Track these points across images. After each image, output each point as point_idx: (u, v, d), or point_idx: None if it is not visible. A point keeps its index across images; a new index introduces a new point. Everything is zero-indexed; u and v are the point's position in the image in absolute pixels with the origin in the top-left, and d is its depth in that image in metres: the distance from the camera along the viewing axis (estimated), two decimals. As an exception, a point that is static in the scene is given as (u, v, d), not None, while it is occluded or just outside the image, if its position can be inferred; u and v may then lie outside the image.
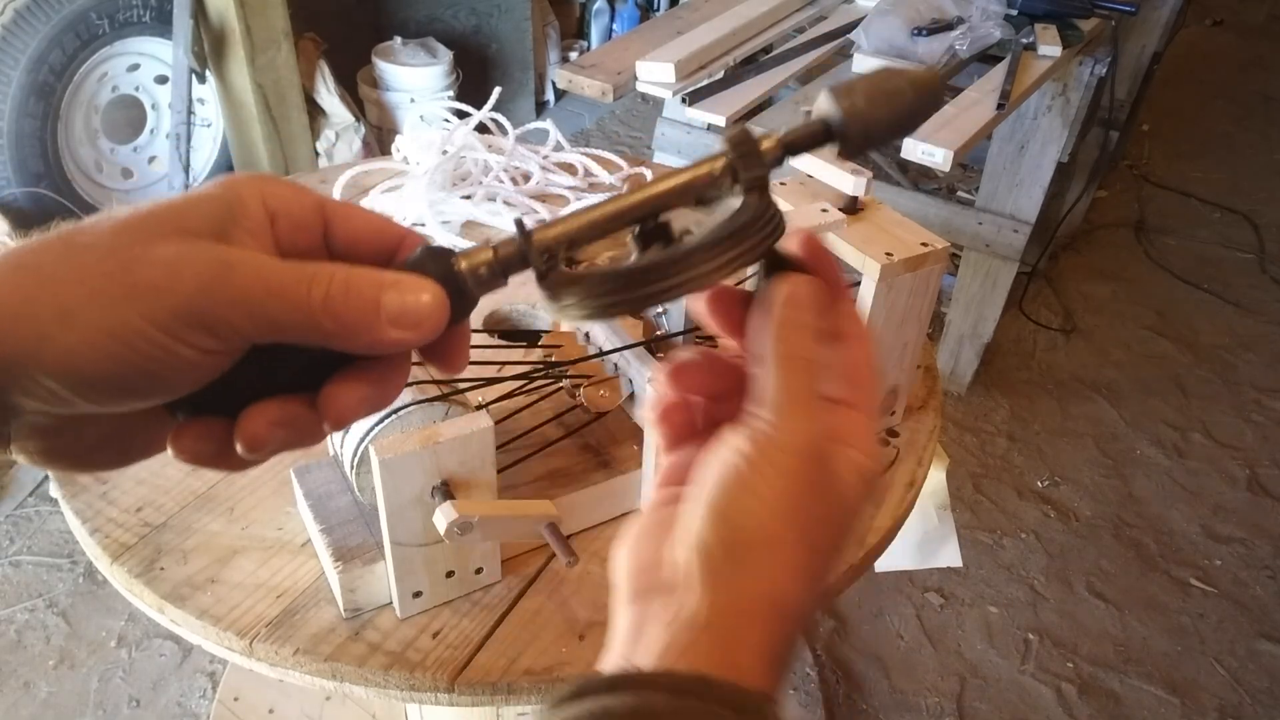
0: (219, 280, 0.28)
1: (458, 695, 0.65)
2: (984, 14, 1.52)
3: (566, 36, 3.38)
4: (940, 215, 1.97)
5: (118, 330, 0.27)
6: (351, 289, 0.30)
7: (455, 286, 0.31)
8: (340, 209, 0.33)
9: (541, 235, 0.32)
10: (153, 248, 0.28)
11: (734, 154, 0.33)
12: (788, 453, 0.32)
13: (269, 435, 0.31)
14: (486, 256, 0.32)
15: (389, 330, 0.30)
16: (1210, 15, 4.49)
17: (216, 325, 0.28)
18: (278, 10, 2.07)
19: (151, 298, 0.27)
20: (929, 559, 1.06)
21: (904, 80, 0.34)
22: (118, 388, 0.28)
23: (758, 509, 0.31)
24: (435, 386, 0.65)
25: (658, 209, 0.33)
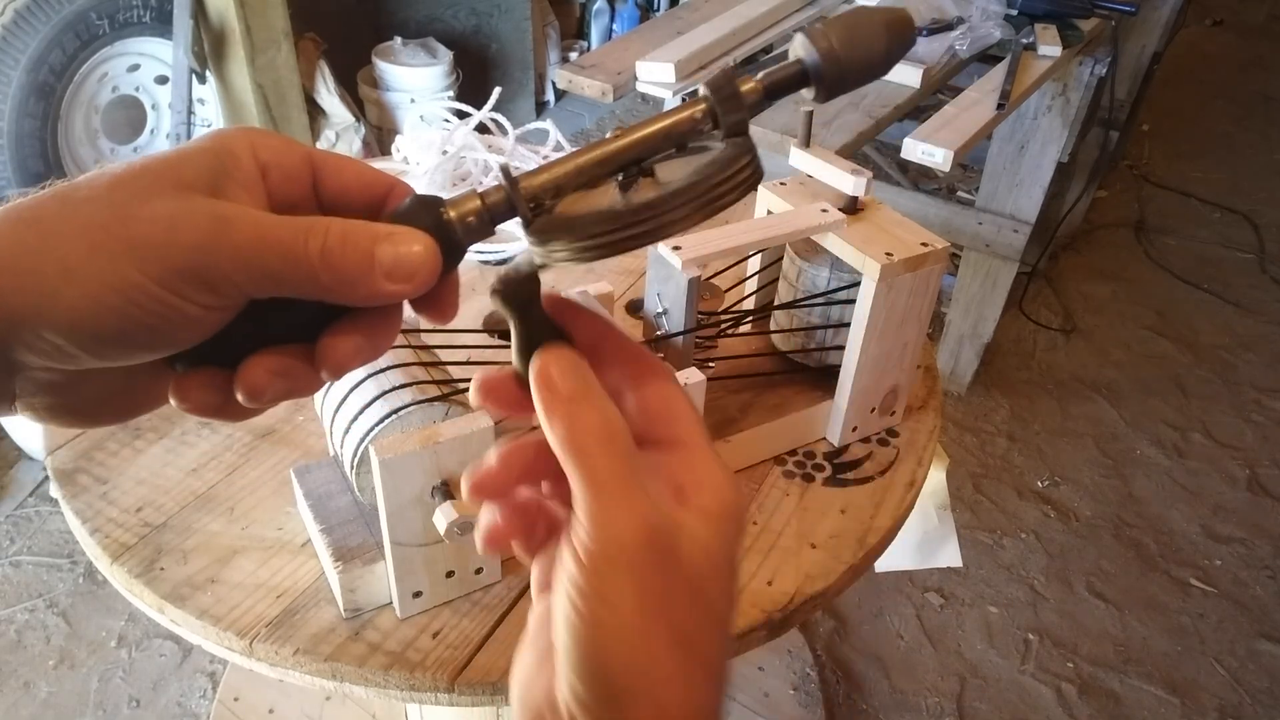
0: (217, 236, 0.28)
1: (458, 695, 0.65)
2: (984, 14, 1.52)
3: (566, 36, 3.38)
4: (940, 215, 1.97)
5: (119, 286, 0.27)
6: (348, 242, 0.30)
7: (445, 236, 0.32)
8: (329, 159, 0.33)
9: (528, 182, 0.32)
10: (150, 203, 0.28)
11: (715, 98, 0.33)
12: (618, 561, 0.29)
13: (268, 384, 0.31)
14: (474, 205, 0.32)
15: (384, 282, 0.30)
16: (1210, 15, 4.49)
17: (216, 281, 0.28)
18: (278, 10, 2.07)
19: (151, 254, 0.27)
20: (929, 559, 1.06)
21: (878, 20, 0.34)
22: (121, 342, 0.28)
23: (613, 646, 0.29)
24: (435, 387, 0.65)
25: (641, 154, 0.33)
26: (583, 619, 0.29)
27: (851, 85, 0.34)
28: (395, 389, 0.64)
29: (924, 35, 1.48)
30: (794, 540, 0.76)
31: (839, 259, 0.78)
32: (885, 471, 0.83)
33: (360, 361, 0.32)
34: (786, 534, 0.77)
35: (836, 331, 0.82)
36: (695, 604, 0.30)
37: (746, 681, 1.48)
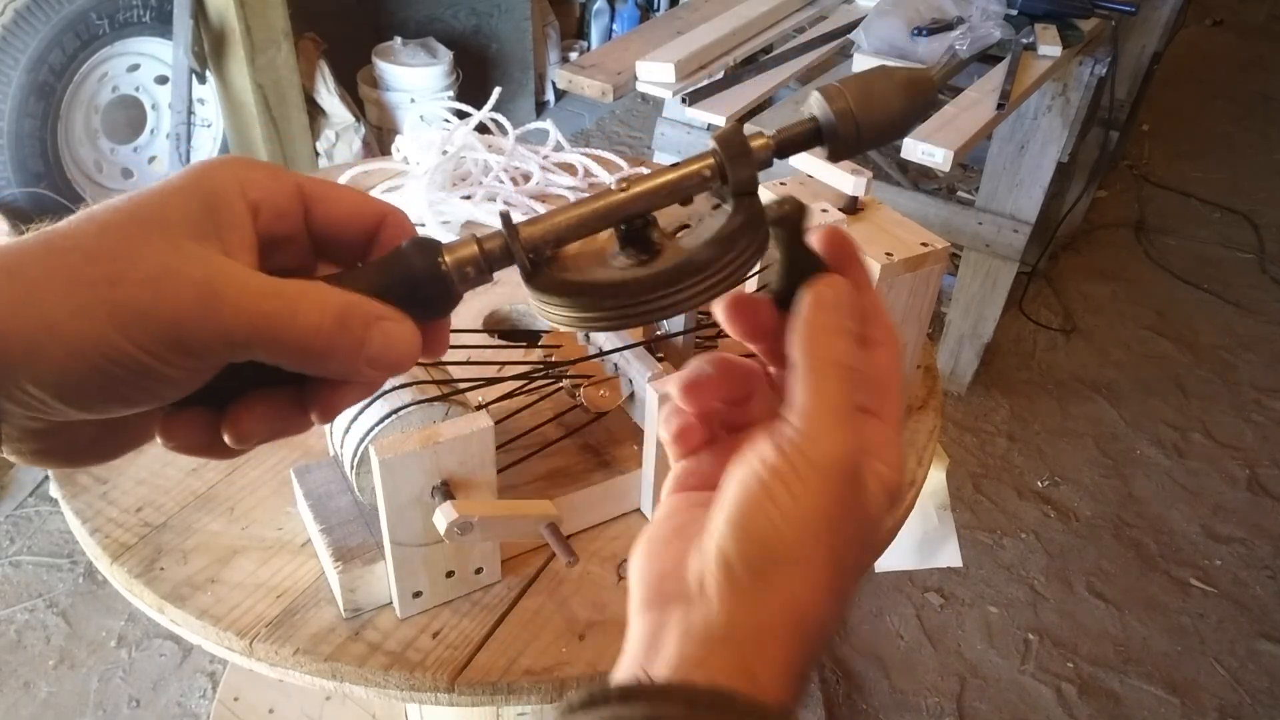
0: (202, 309, 0.28)
1: (458, 695, 0.65)
2: (984, 14, 1.52)
3: (566, 36, 3.38)
4: (940, 215, 1.97)
5: (102, 348, 0.27)
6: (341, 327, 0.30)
7: (439, 283, 0.31)
8: (319, 191, 0.33)
9: (528, 232, 0.32)
10: (137, 257, 0.28)
11: (724, 154, 0.32)
12: (820, 468, 0.30)
13: (257, 429, 0.31)
14: (472, 253, 0.32)
15: (365, 370, 0.31)
16: (1210, 15, 4.49)
17: (199, 351, 0.28)
18: (278, 10, 2.07)
19: (135, 321, 0.27)
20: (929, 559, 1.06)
21: (897, 81, 0.33)
22: (103, 398, 0.28)
23: (783, 525, 0.30)
24: (435, 387, 0.65)
25: (645, 210, 0.33)
26: (768, 494, 0.30)
27: (867, 146, 0.33)
28: (395, 389, 0.64)
29: (924, 35, 1.48)
30: (794, 540, 0.76)
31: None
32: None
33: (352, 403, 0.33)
34: (786, 534, 0.77)
35: (836, 331, 0.82)
36: (857, 540, 0.31)
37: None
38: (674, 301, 0.31)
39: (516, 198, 1.12)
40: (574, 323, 0.32)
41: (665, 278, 0.31)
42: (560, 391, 0.77)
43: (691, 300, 0.31)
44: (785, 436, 0.31)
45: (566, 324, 0.32)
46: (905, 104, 0.33)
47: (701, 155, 0.33)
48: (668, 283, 0.31)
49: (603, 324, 0.32)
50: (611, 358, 0.74)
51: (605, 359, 0.75)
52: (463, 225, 1.09)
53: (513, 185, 1.15)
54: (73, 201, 2.00)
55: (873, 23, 1.51)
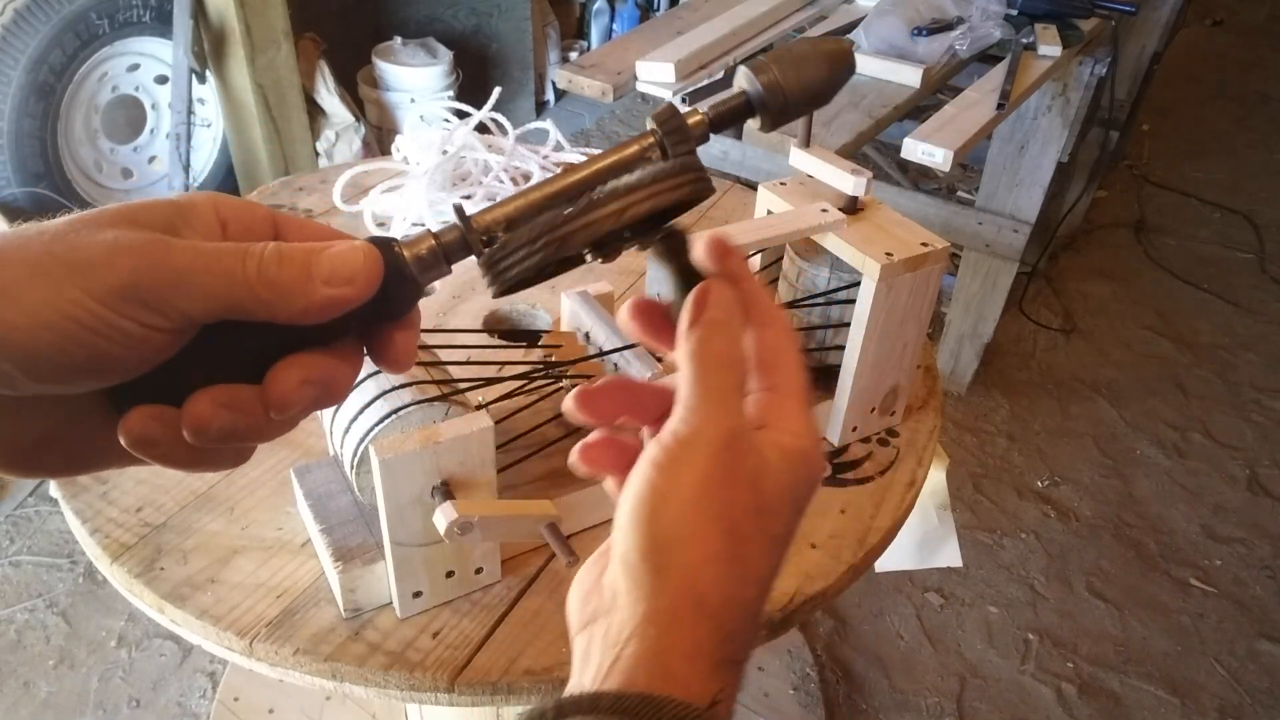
0: (157, 257, 0.29)
1: (458, 695, 0.65)
2: (984, 14, 1.52)
3: (566, 36, 3.38)
4: (940, 215, 1.97)
5: (60, 305, 0.27)
6: (284, 256, 0.30)
7: (397, 270, 0.32)
8: (290, 221, 0.34)
9: (479, 219, 0.33)
10: (98, 233, 0.29)
11: (662, 131, 0.34)
12: (697, 447, 0.31)
13: (214, 417, 0.31)
14: (428, 242, 0.33)
15: (322, 288, 0.31)
16: (1210, 15, 4.49)
17: (157, 301, 0.29)
18: (278, 10, 2.07)
19: (91, 274, 0.28)
20: (929, 559, 1.06)
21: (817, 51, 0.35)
22: (64, 365, 0.28)
23: (664, 508, 0.31)
24: (435, 387, 0.65)
25: (591, 185, 0.34)
26: (649, 485, 0.31)
27: (795, 114, 0.36)
28: (395, 389, 0.64)
29: (924, 35, 1.48)
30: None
31: (839, 259, 0.78)
32: (885, 471, 0.83)
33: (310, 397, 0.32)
34: (786, 534, 0.77)
35: (836, 331, 0.82)
36: (752, 507, 0.32)
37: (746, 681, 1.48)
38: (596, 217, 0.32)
39: (516, 198, 1.12)
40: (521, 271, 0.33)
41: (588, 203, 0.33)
42: (560, 391, 0.77)
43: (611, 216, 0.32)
44: (668, 431, 0.32)
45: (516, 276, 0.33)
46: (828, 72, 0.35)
47: (641, 135, 0.35)
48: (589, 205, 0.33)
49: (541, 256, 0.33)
50: (611, 358, 0.74)
51: (605, 359, 0.75)
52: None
53: (513, 185, 1.15)
54: (73, 201, 2.00)
55: (873, 23, 1.51)
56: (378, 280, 0.32)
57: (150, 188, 2.18)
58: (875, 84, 1.48)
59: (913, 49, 1.48)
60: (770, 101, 0.35)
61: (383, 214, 1.10)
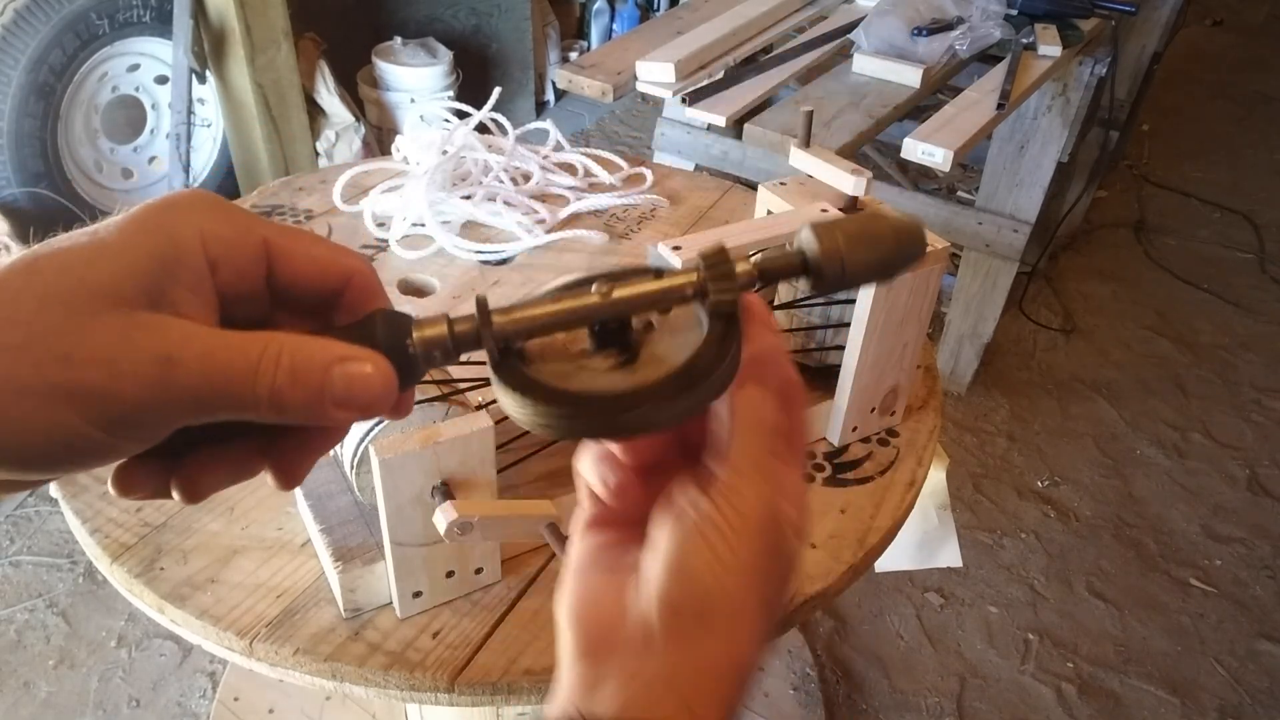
0: (161, 383, 0.27)
1: (458, 695, 0.65)
2: (984, 14, 1.52)
3: (566, 36, 3.38)
4: (940, 215, 1.97)
5: (52, 431, 0.26)
6: (298, 378, 0.29)
7: (405, 362, 0.31)
8: (285, 245, 0.32)
9: (501, 320, 0.32)
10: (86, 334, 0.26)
11: (707, 273, 0.32)
12: (749, 518, 0.32)
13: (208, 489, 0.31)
14: (441, 333, 0.31)
15: (334, 412, 0.30)
16: (1210, 15, 4.49)
17: (159, 424, 0.28)
18: (278, 10, 2.07)
19: (93, 405, 0.26)
20: (929, 559, 1.06)
21: (888, 228, 0.33)
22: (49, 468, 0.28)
23: (722, 573, 0.31)
24: (435, 387, 0.65)
25: (622, 314, 0.33)
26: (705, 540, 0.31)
27: (854, 285, 0.35)
28: (395, 389, 0.64)
29: (924, 35, 1.48)
30: (794, 540, 0.76)
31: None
32: (885, 471, 0.83)
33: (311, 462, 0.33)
34: (786, 534, 0.77)
35: (836, 331, 0.82)
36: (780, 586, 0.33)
37: (746, 681, 1.48)
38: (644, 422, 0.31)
39: (516, 198, 1.12)
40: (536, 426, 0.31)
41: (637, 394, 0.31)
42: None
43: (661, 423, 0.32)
44: (716, 487, 0.32)
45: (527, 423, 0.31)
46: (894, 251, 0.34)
47: (686, 270, 0.33)
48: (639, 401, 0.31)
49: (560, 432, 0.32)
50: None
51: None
52: (462, 225, 1.09)
53: (513, 185, 1.15)
54: (73, 201, 2.00)
55: (873, 23, 1.51)
56: (392, 402, 0.31)
57: (150, 188, 2.18)
58: (875, 84, 1.48)
59: (913, 49, 1.48)
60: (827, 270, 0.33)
61: (383, 214, 1.10)
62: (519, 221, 1.08)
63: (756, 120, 1.36)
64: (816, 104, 1.40)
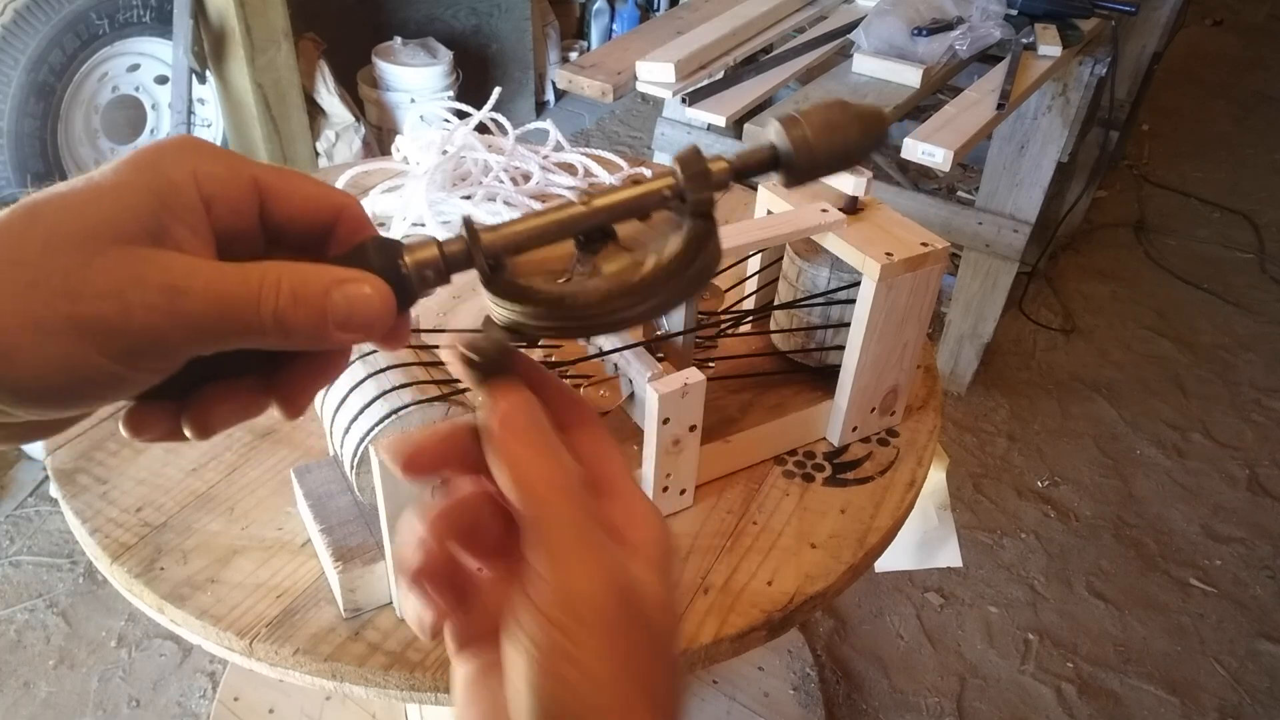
0: (170, 311, 0.27)
1: (458, 695, 0.65)
2: (984, 14, 1.52)
3: (566, 36, 3.38)
4: (940, 215, 1.97)
5: (67, 364, 0.26)
6: (299, 299, 0.29)
7: (399, 283, 0.32)
8: (275, 184, 0.32)
9: (489, 237, 0.33)
10: (93, 268, 0.27)
11: (684, 174, 0.33)
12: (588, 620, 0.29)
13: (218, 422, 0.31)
14: (432, 254, 0.32)
15: (337, 334, 0.30)
16: (1210, 15, 4.49)
17: (170, 352, 0.28)
18: (278, 10, 2.07)
19: (105, 337, 0.27)
20: (929, 559, 1.06)
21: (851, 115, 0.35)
22: (63, 404, 0.28)
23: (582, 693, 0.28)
24: (435, 387, 0.65)
25: (604, 222, 0.34)
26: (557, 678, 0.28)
27: (821, 173, 0.35)
28: (395, 389, 0.64)
29: (924, 35, 1.48)
30: (794, 540, 0.76)
31: (839, 259, 0.78)
32: (885, 471, 0.83)
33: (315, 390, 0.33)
34: (786, 534, 0.77)
35: (836, 331, 0.82)
36: (655, 653, 0.30)
37: (746, 681, 1.48)
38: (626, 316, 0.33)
39: (516, 198, 1.12)
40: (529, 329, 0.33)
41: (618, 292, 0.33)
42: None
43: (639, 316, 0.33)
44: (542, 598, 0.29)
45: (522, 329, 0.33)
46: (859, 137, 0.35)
47: (662, 174, 0.34)
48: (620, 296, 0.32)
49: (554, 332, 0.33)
50: (611, 358, 0.74)
51: (605, 359, 0.75)
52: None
53: (513, 185, 1.15)
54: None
55: (873, 23, 1.51)
56: (391, 321, 0.31)
57: (150, 188, 2.18)
58: (875, 84, 1.48)
59: (913, 49, 1.48)
60: (797, 159, 0.34)
61: (383, 214, 1.10)
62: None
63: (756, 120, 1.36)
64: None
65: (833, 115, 0.35)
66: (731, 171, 0.34)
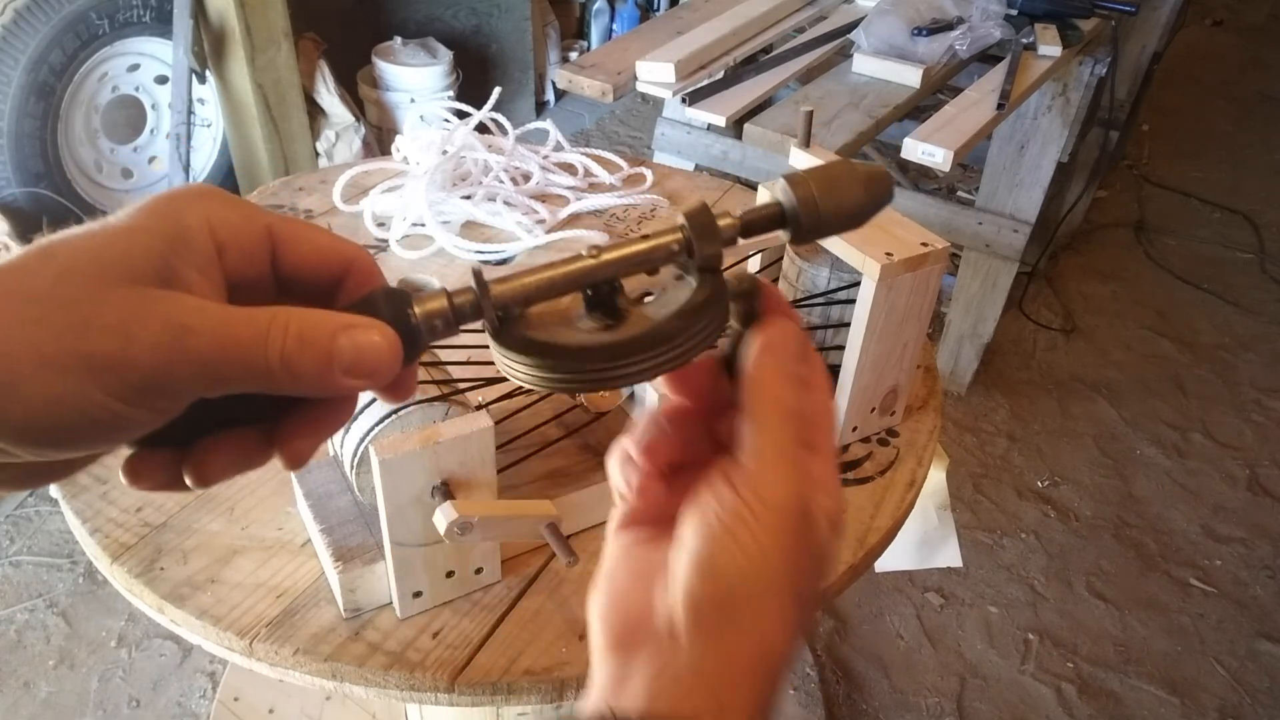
0: (176, 349, 0.27)
1: (458, 695, 0.65)
2: (984, 14, 1.52)
3: (566, 36, 3.38)
4: (940, 215, 1.97)
5: (70, 400, 0.26)
6: (306, 342, 0.29)
7: (408, 333, 0.32)
8: (288, 232, 0.33)
9: (498, 290, 0.33)
10: (102, 304, 0.27)
11: (691, 230, 0.34)
12: (776, 509, 0.32)
13: (219, 473, 0.31)
14: (441, 305, 0.32)
15: (342, 379, 0.30)
16: (1210, 15, 4.49)
17: (174, 392, 0.28)
18: (278, 10, 2.07)
19: (108, 371, 0.27)
20: (929, 559, 1.06)
21: (857, 177, 0.35)
22: (65, 445, 0.28)
23: (747, 565, 0.31)
24: (435, 387, 0.65)
25: (612, 276, 0.34)
26: (730, 534, 0.31)
27: (826, 233, 0.36)
28: (395, 389, 0.64)
29: (924, 35, 1.48)
30: (794, 540, 0.76)
31: (839, 259, 0.78)
32: (885, 471, 0.83)
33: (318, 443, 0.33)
34: (786, 534, 0.77)
35: (836, 331, 0.82)
36: (813, 575, 0.33)
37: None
38: (635, 370, 0.33)
39: (516, 198, 1.12)
40: (536, 381, 0.33)
41: (628, 346, 0.33)
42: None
43: (651, 370, 0.33)
44: (740, 479, 0.32)
45: (528, 382, 0.33)
46: (864, 197, 0.36)
47: (670, 229, 0.34)
48: (630, 351, 0.33)
49: (563, 386, 0.33)
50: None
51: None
52: (462, 225, 1.09)
53: (513, 185, 1.15)
54: (73, 201, 2.00)
55: (873, 23, 1.51)
56: (398, 369, 0.31)
57: (150, 188, 2.18)
58: (875, 84, 1.48)
59: (913, 49, 1.48)
60: (804, 218, 0.35)
61: (383, 214, 1.10)
62: (519, 221, 1.08)
63: (756, 120, 1.36)
64: (816, 104, 1.40)
65: (839, 176, 0.35)
66: (739, 228, 0.35)
